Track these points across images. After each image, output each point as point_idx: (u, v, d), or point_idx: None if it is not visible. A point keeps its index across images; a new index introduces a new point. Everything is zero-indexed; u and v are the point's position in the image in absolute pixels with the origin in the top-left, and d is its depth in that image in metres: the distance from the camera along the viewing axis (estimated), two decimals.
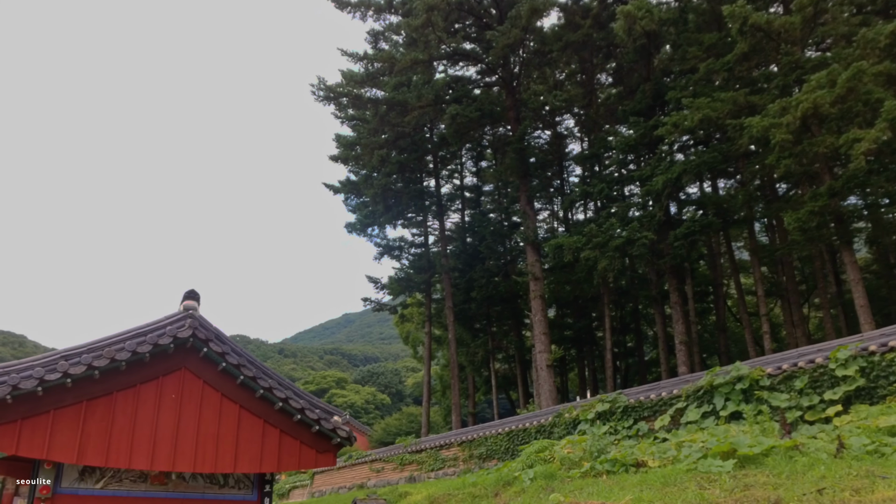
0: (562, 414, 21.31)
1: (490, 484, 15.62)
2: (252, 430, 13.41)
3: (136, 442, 12.13)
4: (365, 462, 29.59)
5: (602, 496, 9.74)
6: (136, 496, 12.97)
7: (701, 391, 17.21)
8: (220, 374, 13.35)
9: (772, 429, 12.27)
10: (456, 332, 35.32)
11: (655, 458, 12.53)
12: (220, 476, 13.84)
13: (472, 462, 24.55)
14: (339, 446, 14.52)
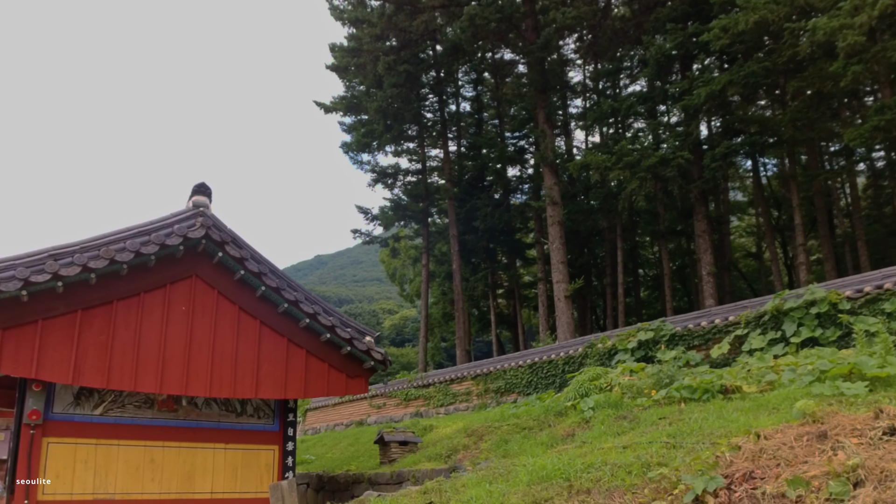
0: (594, 344, 20.24)
1: (537, 415, 14.48)
2: (275, 350, 11.91)
3: (142, 361, 10.55)
4: (364, 398, 28.54)
5: (725, 420, 8.48)
6: (142, 424, 11.49)
7: (765, 317, 16.09)
8: (238, 285, 11.72)
9: (882, 354, 11.13)
10: (459, 263, 33.95)
11: (750, 383, 11.35)
12: (236, 403, 12.40)
13: (488, 397, 23.58)
14: (372, 371, 13.17)
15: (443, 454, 14.44)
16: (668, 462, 6.21)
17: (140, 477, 11.64)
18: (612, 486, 5.90)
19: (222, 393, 11.43)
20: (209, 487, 12.32)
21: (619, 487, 5.79)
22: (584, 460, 7.47)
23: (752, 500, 3.63)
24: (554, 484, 6.55)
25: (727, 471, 4.14)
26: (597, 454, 7.78)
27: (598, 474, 6.59)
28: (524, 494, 6.22)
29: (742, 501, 3.69)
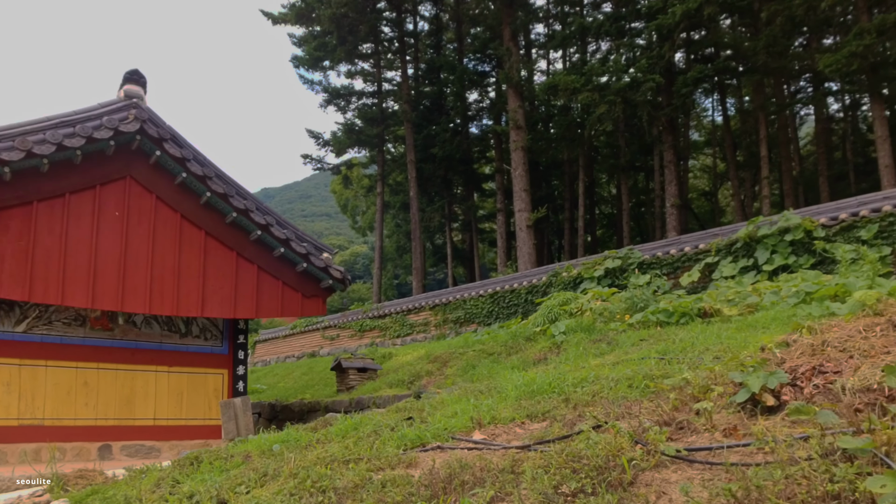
0: (559, 273, 19.89)
1: (504, 340, 14.04)
2: (223, 264, 10.93)
3: (70, 272, 9.42)
4: (317, 329, 27.85)
5: (717, 338, 8.08)
6: (72, 343, 10.45)
7: (737, 244, 15.89)
8: (180, 190, 10.59)
9: (870, 275, 10.95)
10: (416, 190, 32.98)
11: (730, 305, 11.06)
12: (180, 322, 11.44)
13: (447, 327, 23.19)
14: (330, 291, 12.36)
15: (405, 380, 13.93)
16: (673, 374, 5.66)
17: (72, 401, 10.69)
18: (617, 397, 5.33)
19: (164, 310, 10.46)
20: (151, 413, 11.49)
21: (626, 398, 5.23)
22: (575, 375, 6.94)
23: (830, 395, 3.04)
24: (547, 398, 6.00)
25: (783, 368, 3.53)
26: (585, 370, 7.26)
27: (594, 388, 6.04)
28: (516, 408, 5.63)
29: (815, 398, 3.09)
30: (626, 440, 3.15)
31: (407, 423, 5.43)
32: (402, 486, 3.46)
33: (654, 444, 3.19)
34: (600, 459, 3.05)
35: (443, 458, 3.99)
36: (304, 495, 3.43)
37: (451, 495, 3.24)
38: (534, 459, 3.43)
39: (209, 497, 4.05)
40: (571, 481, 2.91)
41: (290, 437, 6.01)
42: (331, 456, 4.46)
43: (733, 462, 2.87)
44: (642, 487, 2.95)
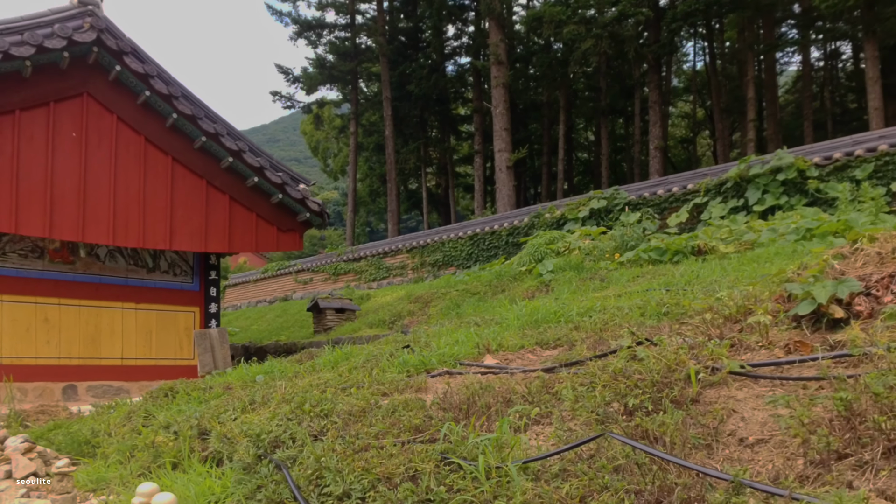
0: (541, 214, 19.52)
1: (488, 280, 13.70)
2: (192, 194, 10.26)
3: (24, 198, 8.70)
4: (289, 273, 27.27)
5: (721, 272, 7.79)
6: (30, 276, 9.77)
7: (727, 184, 15.63)
8: (143, 110, 9.81)
9: (873, 212, 10.76)
10: (392, 129, 32.03)
11: (726, 243, 10.80)
12: (147, 256, 10.80)
13: (424, 270, 22.83)
14: (307, 225, 11.81)
15: (386, 320, 13.55)
16: (687, 303, 5.31)
17: (32, 339, 10.08)
18: (634, 324, 4.95)
19: (129, 242, 9.80)
20: (119, 352, 10.94)
21: (645, 324, 4.87)
22: (579, 305, 6.59)
23: None
24: (553, 327, 5.63)
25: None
26: (589, 301, 6.92)
27: (603, 317, 5.68)
28: (522, 336, 5.24)
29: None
30: (684, 353, 2.75)
31: (404, 350, 5.00)
32: (416, 410, 3.04)
33: (715, 358, 2.80)
34: (655, 375, 2.65)
35: (457, 382, 3.57)
36: (304, 419, 3.00)
37: (478, 418, 2.83)
38: (569, 380, 3.03)
39: (189, 426, 3.59)
40: (629, 397, 2.50)
41: (274, 369, 5.56)
42: (324, 383, 4.02)
43: (806, 377, 2.50)
44: (708, 405, 2.56)
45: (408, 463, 2.33)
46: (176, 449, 3.25)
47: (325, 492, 2.28)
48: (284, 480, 2.45)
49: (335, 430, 2.79)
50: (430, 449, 2.42)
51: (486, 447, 2.31)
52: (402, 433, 2.71)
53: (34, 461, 3.72)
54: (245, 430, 2.98)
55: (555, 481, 2.09)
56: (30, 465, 3.67)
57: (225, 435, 3.07)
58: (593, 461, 2.17)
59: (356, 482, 2.25)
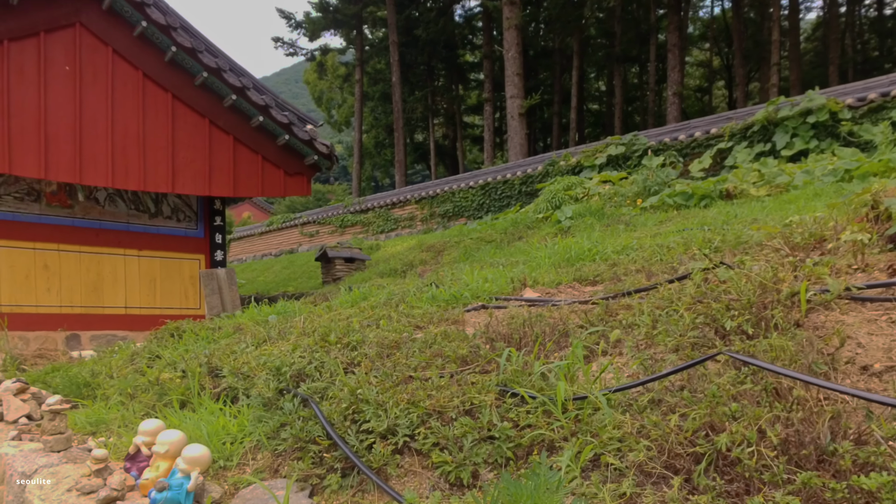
0: (556, 162, 18.96)
1: (503, 228, 13.27)
2: (194, 134, 9.78)
3: (16, 136, 8.26)
4: (295, 225, 26.90)
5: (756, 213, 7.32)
6: (26, 220, 9.41)
7: (753, 128, 15.02)
8: (140, 43, 9.26)
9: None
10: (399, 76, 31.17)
11: (757, 186, 10.31)
12: (148, 200, 10.40)
13: (434, 221, 22.41)
14: (315, 168, 11.33)
15: (398, 269, 13.16)
16: (733, 236, 4.87)
17: (32, 286, 9.76)
18: (682, 259, 4.53)
19: (129, 185, 9.38)
20: (122, 301, 10.64)
21: (697, 259, 4.44)
22: (613, 243, 6.18)
23: None
24: (588, 265, 5.23)
25: None
26: (624, 239, 6.51)
27: (643, 254, 5.26)
28: (557, 273, 4.84)
29: None
30: (784, 272, 2.33)
31: (431, 287, 4.61)
32: (459, 341, 2.65)
33: (815, 278, 2.39)
34: (751, 296, 2.24)
35: (499, 315, 3.18)
36: (331, 350, 2.61)
37: (534, 347, 2.43)
38: (638, 307, 2.63)
39: (198, 364, 3.23)
40: (724, 320, 2.10)
41: (288, 310, 5.19)
42: (346, 318, 3.64)
43: None
44: (816, 329, 2.15)
45: (461, 395, 1.94)
46: (184, 386, 2.90)
47: (365, 428, 1.91)
48: (313, 417, 2.08)
49: (368, 362, 2.41)
50: (486, 380, 2.03)
51: (558, 375, 1.92)
52: (446, 364, 2.33)
53: (27, 402, 3.38)
54: (263, 362, 2.61)
55: (652, 413, 1.70)
56: (23, 406, 3.33)
57: (239, 370, 2.71)
58: (693, 390, 1.78)
59: (402, 416, 1.87)
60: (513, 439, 1.82)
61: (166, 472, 2.00)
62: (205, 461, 1.90)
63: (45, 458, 2.47)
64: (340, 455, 1.92)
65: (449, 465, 1.74)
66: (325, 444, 1.97)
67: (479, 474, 1.81)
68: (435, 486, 1.79)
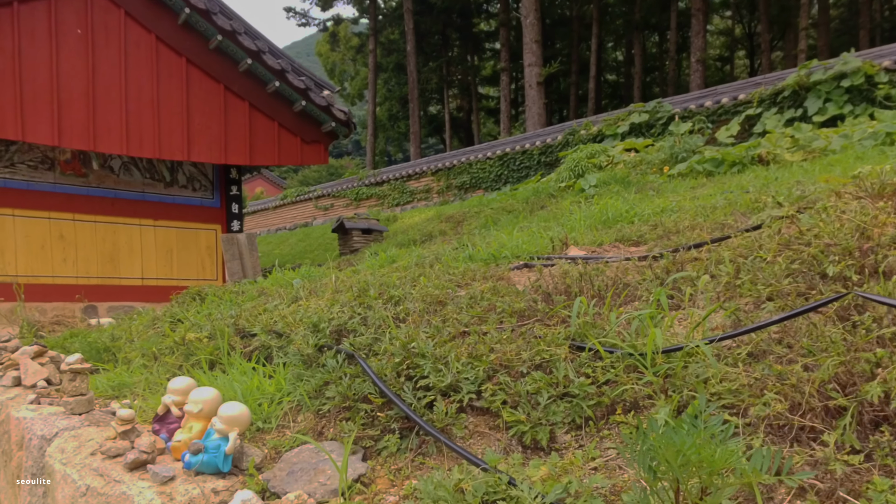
0: (576, 131, 18.56)
1: (524, 198, 12.98)
2: (209, 99, 9.55)
3: (29, 102, 8.07)
4: (309, 199, 26.73)
5: (794, 175, 7.00)
6: (41, 189, 9.27)
7: (784, 93, 14.53)
8: (152, 4, 9.02)
9: None
10: (414, 44, 30.66)
11: (791, 151, 9.94)
12: (164, 169, 10.22)
13: (450, 194, 22.13)
14: (332, 136, 11.08)
15: (416, 240, 12.93)
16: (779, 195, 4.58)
17: (48, 257, 9.65)
18: (727, 221, 4.26)
19: (143, 152, 9.19)
20: (139, 272, 10.52)
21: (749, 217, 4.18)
22: (652, 205, 5.92)
23: None
24: (627, 226, 4.98)
25: None
26: (661, 202, 6.24)
27: (684, 216, 4.99)
28: (598, 234, 4.59)
29: None
30: (886, 214, 2.08)
31: (462, 250, 4.38)
32: (512, 296, 2.42)
33: None
34: (849, 240, 1.99)
35: (549, 272, 2.94)
36: (373, 305, 2.40)
37: (601, 300, 2.20)
38: (713, 256, 2.39)
39: (224, 325, 3.03)
40: (826, 266, 1.85)
41: (313, 274, 4.99)
42: (381, 277, 3.42)
43: None
44: None
45: (528, 350, 1.72)
46: (212, 346, 2.71)
47: (423, 384, 1.70)
48: (360, 374, 1.87)
49: (416, 316, 2.20)
50: (554, 333, 1.80)
51: (638, 328, 1.69)
52: (503, 319, 2.10)
53: (46, 366, 3.21)
54: (300, 318, 2.41)
55: (756, 366, 1.46)
56: (41, 370, 3.15)
57: (272, 328, 2.50)
58: (789, 346, 1.54)
59: (465, 371, 1.66)
60: (592, 396, 1.60)
61: (200, 433, 1.81)
62: (244, 421, 1.70)
63: (66, 421, 2.29)
64: (396, 414, 1.72)
65: (524, 424, 1.53)
66: (378, 402, 1.76)
67: (556, 436, 1.60)
68: (507, 449, 1.58)
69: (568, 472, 1.33)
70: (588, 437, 1.58)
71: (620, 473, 1.39)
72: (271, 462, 1.80)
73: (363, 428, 1.74)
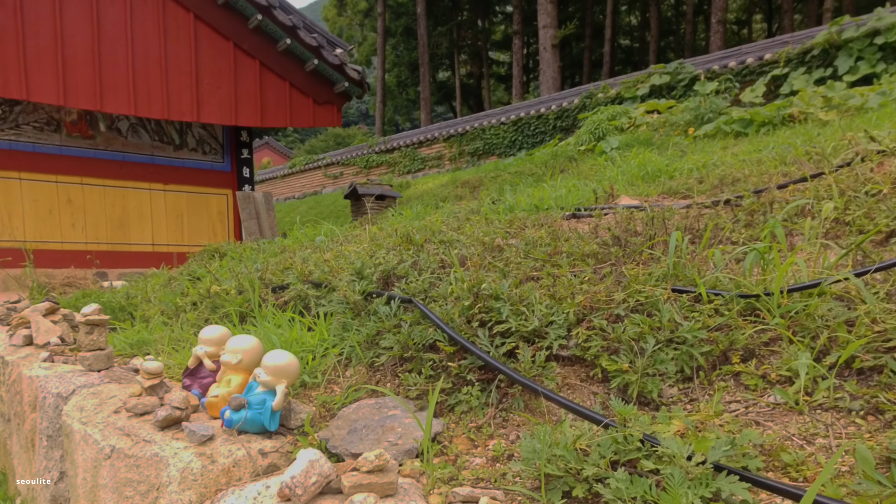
0: (594, 94, 18.10)
1: (543, 161, 12.68)
2: (219, 59, 9.23)
3: (33, 59, 7.78)
4: (318, 167, 26.42)
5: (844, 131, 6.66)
6: (47, 152, 9.03)
7: (812, 52, 14.03)
8: None
9: None
10: (424, 6, 29.99)
11: (826, 110, 9.55)
12: (173, 131, 9.95)
13: (463, 160, 21.76)
14: (345, 97, 10.75)
15: (432, 206, 12.69)
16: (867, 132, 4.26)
17: (56, 222, 9.45)
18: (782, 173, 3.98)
19: (152, 113, 8.90)
20: (149, 238, 10.32)
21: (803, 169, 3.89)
22: (692, 161, 5.62)
23: None
24: (669, 181, 4.69)
25: None
26: (704, 156, 5.94)
27: (730, 170, 4.70)
28: (643, 185, 4.32)
29: None
30: None
31: (497, 204, 4.12)
32: (577, 240, 2.16)
33: None
34: None
35: (609, 220, 2.68)
36: (426, 248, 2.15)
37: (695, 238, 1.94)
38: (812, 189, 2.11)
39: (250, 279, 2.79)
40: None
41: (334, 233, 4.74)
42: (422, 225, 3.16)
43: None
44: None
45: (620, 291, 1.47)
46: (241, 299, 2.48)
47: (500, 330, 1.45)
48: (420, 321, 1.63)
49: (477, 259, 1.95)
50: (645, 273, 1.55)
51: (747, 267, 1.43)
52: (575, 262, 1.85)
53: (59, 324, 2.99)
54: (340, 264, 2.16)
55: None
56: (53, 328, 2.94)
57: (307, 277, 2.27)
58: None
59: (550, 315, 1.41)
60: (702, 343, 1.36)
61: (240, 387, 1.58)
62: (293, 371, 1.47)
63: (84, 378, 2.08)
64: (471, 364, 1.48)
65: (629, 374, 1.29)
66: (449, 350, 1.52)
67: (661, 389, 1.36)
68: (604, 404, 1.34)
69: (705, 427, 1.10)
70: (700, 390, 1.34)
71: (759, 430, 1.15)
72: (323, 420, 1.57)
73: (428, 381, 1.51)
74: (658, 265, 1.66)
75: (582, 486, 0.97)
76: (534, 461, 1.03)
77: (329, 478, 1.13)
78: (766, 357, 1.38)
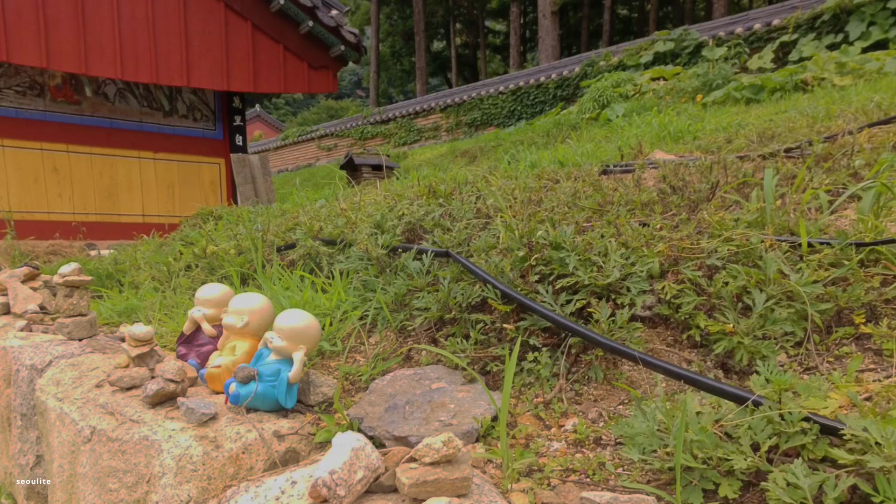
0: (595, 62, 17.70)
1: (545, 130, 12.34)
2: (209, 20, 8.84)
3: (11, 18, 7.39)
4: (312, 139, 25.95)
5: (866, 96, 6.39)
6: (31, 118, 8.66)
7: (822, 17, 13.67)
8: None
9: None
10: None
11: (840, 75, 9.25)
12: (162, 97, 9.57)
13: (460, 131, 21.37)
14: (341, 61, 10.37)
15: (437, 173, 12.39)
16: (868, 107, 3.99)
17: (42, 191, 9.11)
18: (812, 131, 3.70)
19: (139, 76, 8.52)
20: (139, 208, 9.98)
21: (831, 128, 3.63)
22: (713, 122, 5.35)
23: None
24: (694, 141, 4.42)
25: None
26: (726, 117, 5.66)
27: (754, 130, 4.41)
28: (670, 144, 4.04)
29: None
30: None
31: (515, 163, 3.83)
32: (625, 188, 1.88)
33: None
34: None
35: (651, 173, 2.40)
36: (448, 202, 1.87)
37: None
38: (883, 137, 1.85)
39: (252, 237, 2.51)
40: None
41: (338, 194, 4.44)
42: (444, 177, 2.88)
43: None
44: None
45: (703, 240, 1.20)
46: (242, 259, 2.20)
47: (565, 284, 1.19)
48: (461, 276, 1.36)
49: (518, 206, 1.68)
50: (732, 219, 1.27)
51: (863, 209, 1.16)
52: (631, 211, 1.58)
53: (39, 291, 2.71)
54: (359, 216, 1.89)
55: None
56: (33, 294, 2.66)
57: (317, 234, 1.99)
58: None
59: (628, 266, 1.14)
60: (818, 301, 1.10)
61: (247, 355, 1.30)
62: (313, 335, 1.20)
63: (62, 347, 1.81)
64: (531, 327, 1.22)
65: (734, 339, 1.03)
66: (504, 309, 1.26)
67: (765, 355, 1.10)
68: (702, 373, 1.09)
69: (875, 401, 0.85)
70: (818, 356, 1.08)
71: None
72: (346, 395, 1.31)
73: (478, 347, 1.25)
74: (743, 211, 1.40)
75: (731, 482, 0.72)
76: (651, 448, 0.77)
77: (378, 471, 0.87)
78: (891, 316, 1.13)
